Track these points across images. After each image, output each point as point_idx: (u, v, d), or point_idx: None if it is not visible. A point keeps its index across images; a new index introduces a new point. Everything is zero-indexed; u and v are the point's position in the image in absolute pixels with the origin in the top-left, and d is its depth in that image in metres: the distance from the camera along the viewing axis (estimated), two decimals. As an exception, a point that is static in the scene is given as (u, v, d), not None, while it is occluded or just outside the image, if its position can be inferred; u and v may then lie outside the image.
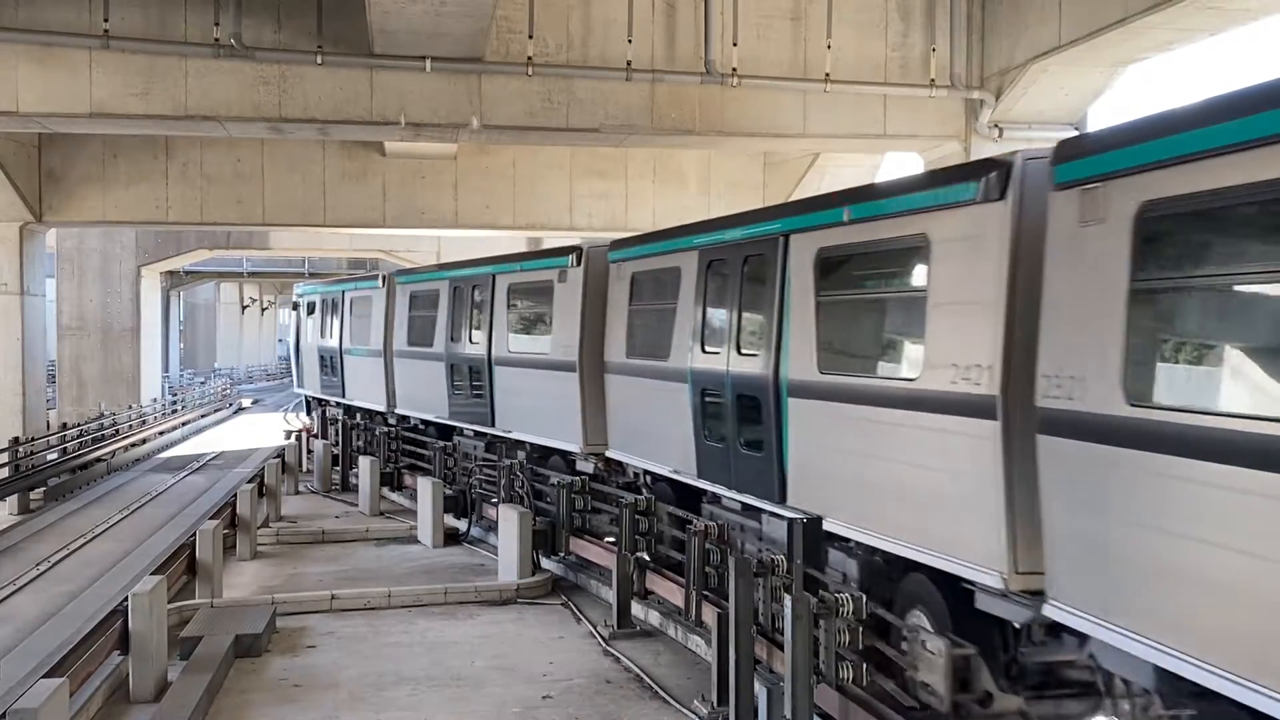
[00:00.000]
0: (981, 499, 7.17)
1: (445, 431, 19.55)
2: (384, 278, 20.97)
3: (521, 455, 15.85)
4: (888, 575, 8.56)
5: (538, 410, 15.53)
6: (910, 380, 7.92)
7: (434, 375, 19.06)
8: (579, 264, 14.34)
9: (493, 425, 16.98)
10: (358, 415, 23.87)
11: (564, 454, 15.10)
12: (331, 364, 24.80)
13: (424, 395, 19.52)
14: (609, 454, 13.81)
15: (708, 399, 11.06)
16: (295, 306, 24.61)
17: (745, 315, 10.51)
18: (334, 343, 24.24)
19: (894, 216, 8.27)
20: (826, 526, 8.82)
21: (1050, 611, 6.60)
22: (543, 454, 15.76)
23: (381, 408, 21.42)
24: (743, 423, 10.37)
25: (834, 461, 8.99)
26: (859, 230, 8.77)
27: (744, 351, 10.40)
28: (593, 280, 14.09)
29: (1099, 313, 6.17)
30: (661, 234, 13.33)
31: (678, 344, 11.71)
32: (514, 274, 16.57)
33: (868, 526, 8.45)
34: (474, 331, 17.66)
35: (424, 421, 20.50)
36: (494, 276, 16.95)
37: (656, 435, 12.34)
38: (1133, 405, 5.89)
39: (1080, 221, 6.41)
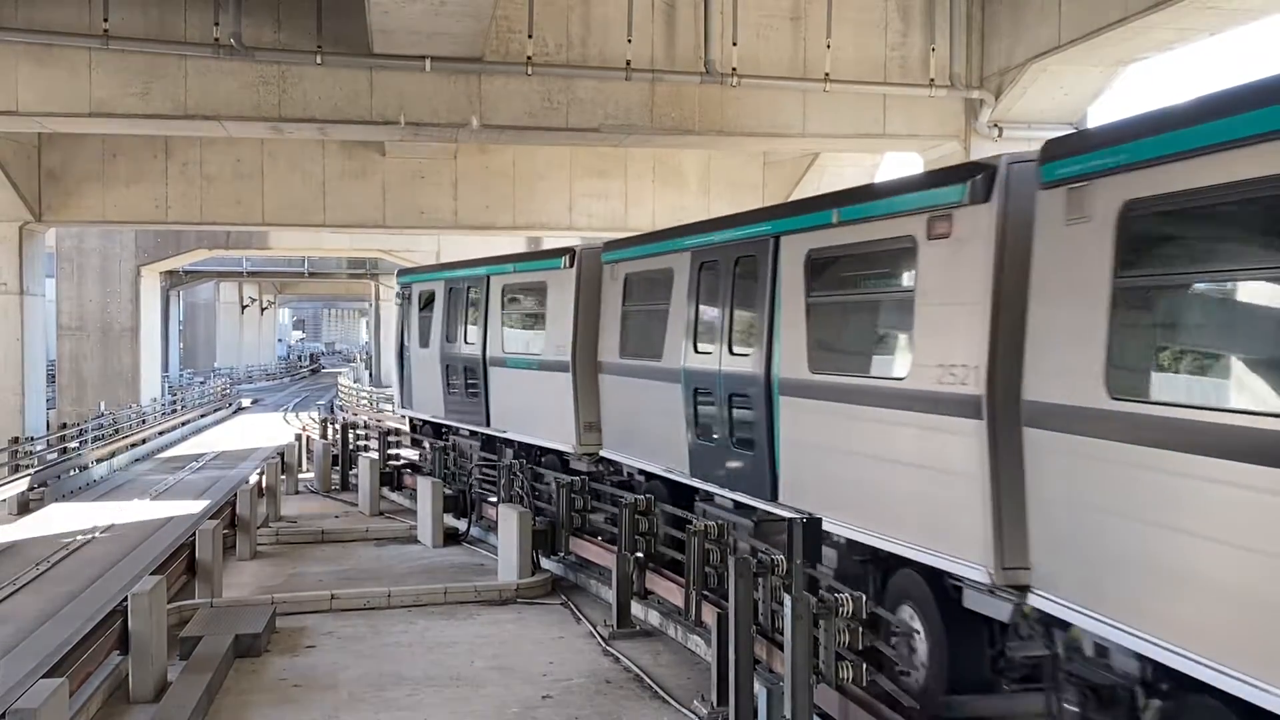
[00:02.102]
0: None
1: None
2: (573, 254, 14.55)
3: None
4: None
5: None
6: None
7: (668, 398, 12.03)
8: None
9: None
10: (504, 450, 16.89)
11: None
12: (467, 379, 18.04)
13: (650, 429, 12.67)
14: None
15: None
16: (402, 299, 21.71)
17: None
18: (474, 348, 17.56)
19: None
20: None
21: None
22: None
23: (569, 447, 14.61)
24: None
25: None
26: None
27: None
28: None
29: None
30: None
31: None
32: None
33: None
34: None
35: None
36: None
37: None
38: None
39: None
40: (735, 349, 10.53)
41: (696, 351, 11.24)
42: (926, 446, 7.72)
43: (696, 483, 11.35)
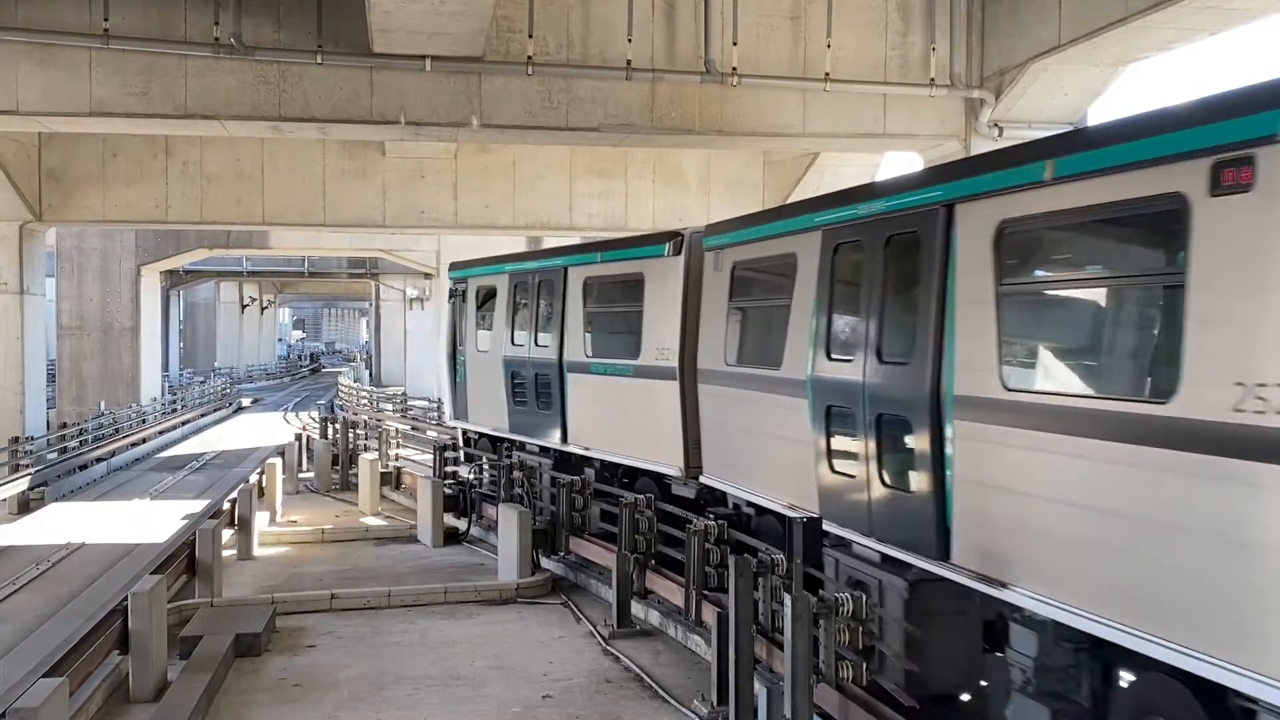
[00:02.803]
0: None
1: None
2: (679, 240, 12.60)
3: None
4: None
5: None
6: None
7: (789, 418, 10.12)
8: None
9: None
10: (584, 470, 14.59)
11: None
12: (538, 387, 15.51)
13: (766, 454, 10.47)
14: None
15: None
16: (455, 295, 18.69)
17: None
18: (547, 352, 15.13)
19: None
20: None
21: None
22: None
23: (674, 470, 12.46)
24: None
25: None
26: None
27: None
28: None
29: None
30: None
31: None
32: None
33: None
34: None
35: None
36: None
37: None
38: None
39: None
40: (886, 355, 8.17)
41: (830, 359, 8.94)
42: (1216, 511, 5.33)
43: (832, 526, 8.74)
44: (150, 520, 20.16)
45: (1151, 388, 5.95)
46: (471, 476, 17.88)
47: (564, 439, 14.85)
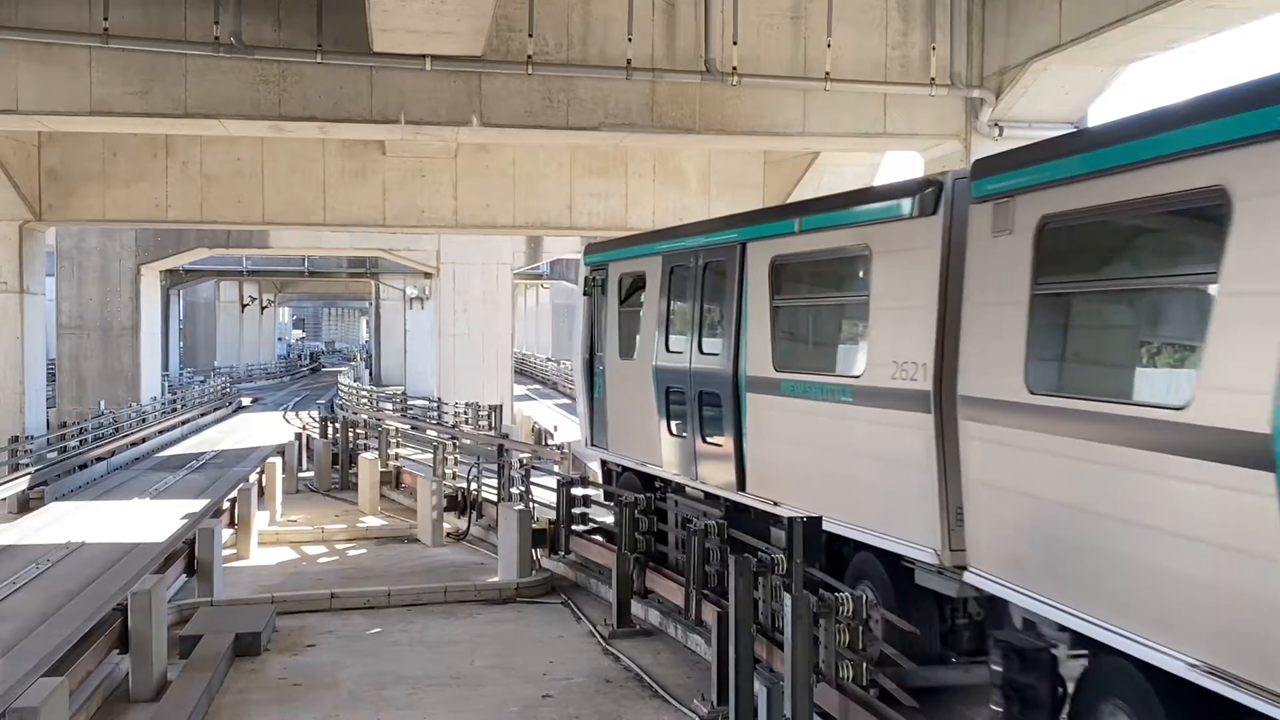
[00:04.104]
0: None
1: None
2: (933, 191, 8.25)
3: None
4: None
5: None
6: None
7: (1153, 487, 6.16)
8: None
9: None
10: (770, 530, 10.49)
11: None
12: (702, 410, 11.42)
13: (1118, 551, 6.35)
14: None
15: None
16: (591, 285, 14.60)
17: None
18: (717, 361, 11.12)
19: None
20: None
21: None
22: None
23: (926, 552, 8.20)
24: None
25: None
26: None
27: None
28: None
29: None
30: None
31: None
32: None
33: None
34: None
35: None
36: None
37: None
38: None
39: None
40: None
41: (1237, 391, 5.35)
42: None
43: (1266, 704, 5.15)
44: (150, 520, 20.15)
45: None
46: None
47: (739, 484, 10.54)
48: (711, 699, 8.66)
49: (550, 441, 29.94)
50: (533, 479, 15.59)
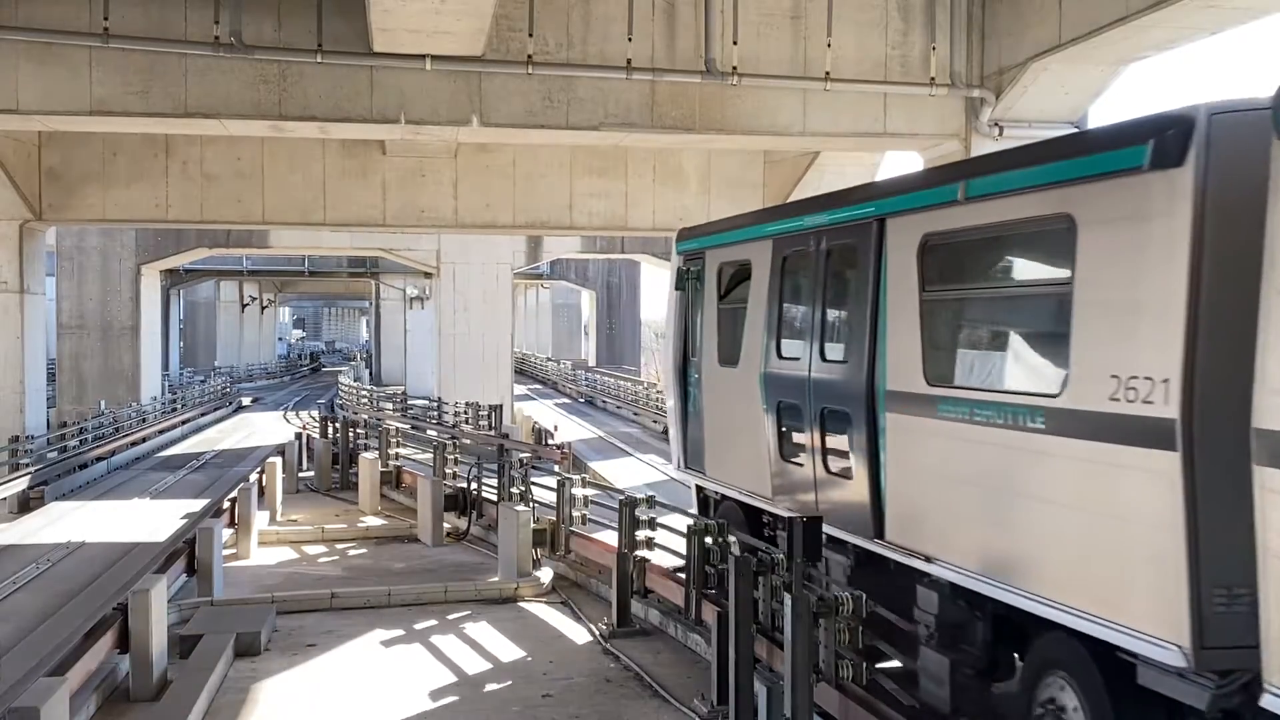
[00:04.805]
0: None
1: None
2: (1180, 130, 5.75)
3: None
4: None
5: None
6: None
7: None
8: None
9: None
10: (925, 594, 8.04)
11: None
12: (824, 431, 9.23)
13: None
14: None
15: None
16: (685, 278, 12.23)
17: None
18: (846, 372, 8.87)
19: None
20: None
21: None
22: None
23: (1170, 645, 5.70)
24: None
25: None
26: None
27: None
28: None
29: None
30: None
31: None
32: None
33: None
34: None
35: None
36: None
37: None
38: None
39: None
40: None
41: None
42: None
43: None
44: (150, 519, 20.15)
45: None
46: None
47: (877, 530, 8.31)
48: (711, 699, 8.66)
49: (550, 441, 29.97)
50: (533, 479, 15.59)
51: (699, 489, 12.23)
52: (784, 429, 9.82)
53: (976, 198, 7.29)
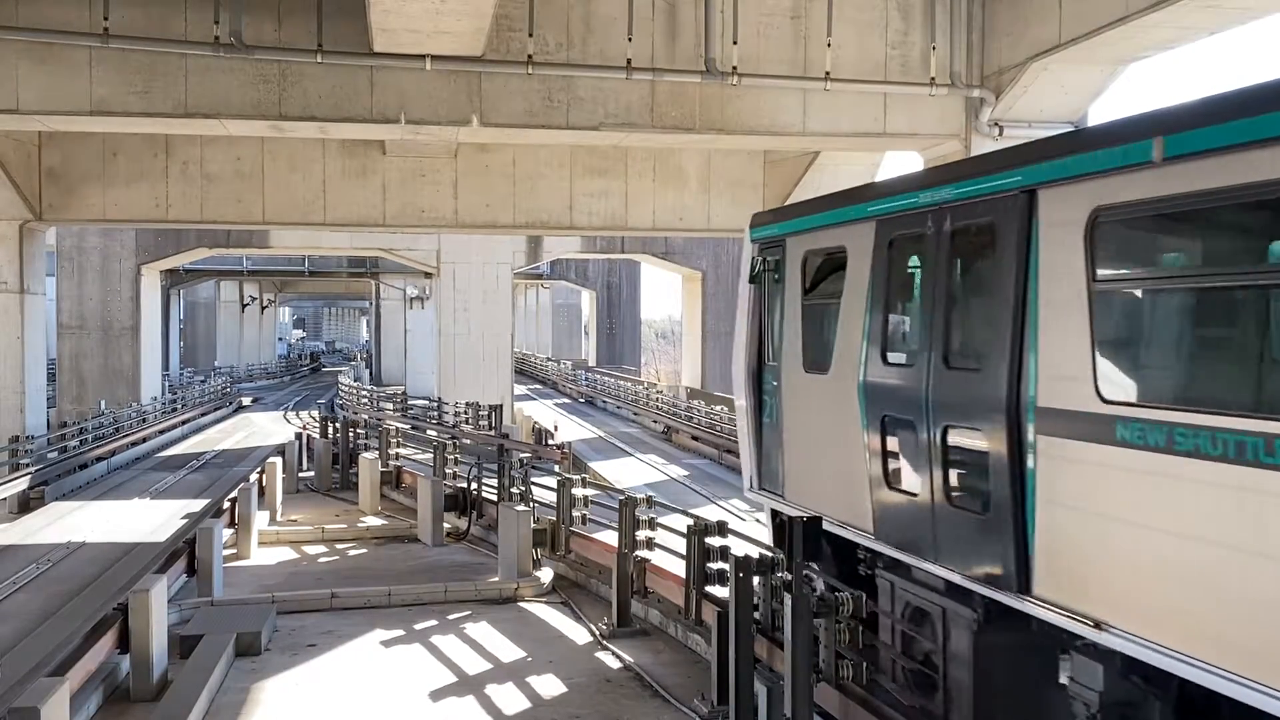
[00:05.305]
0: None
1: None
2: None
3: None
4: None
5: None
6: None
7: None
8: None
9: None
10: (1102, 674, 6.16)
11: None
12: (948, 456, 7.34)
13: None
14: None
15: None
16: (761, 268, 10.31)
17: None
18: (979, 382, 6.96)
19: None
20: None
21: None
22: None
23: None
24: None
25: None
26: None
27: None
28: None
29: None
30: None
31: None
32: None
33: None
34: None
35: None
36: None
37: None
38: None
39: None
40: None
41: None
42: None
43: None
44: (150, 520, 20.15)
45: None
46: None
47: (1023, 582, 6.52)
48: (711, 699, 8.66)
49: (550, 441, 29.96)
50: (533, 479, 15.59)
51: (774, 513, 10.15)
52: (890, 450, 8.03)
53: (1180, 157, 5.42)
